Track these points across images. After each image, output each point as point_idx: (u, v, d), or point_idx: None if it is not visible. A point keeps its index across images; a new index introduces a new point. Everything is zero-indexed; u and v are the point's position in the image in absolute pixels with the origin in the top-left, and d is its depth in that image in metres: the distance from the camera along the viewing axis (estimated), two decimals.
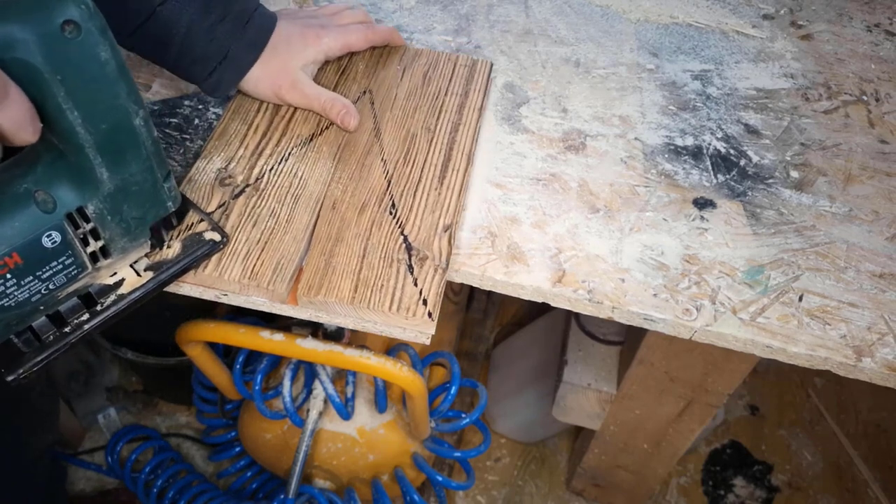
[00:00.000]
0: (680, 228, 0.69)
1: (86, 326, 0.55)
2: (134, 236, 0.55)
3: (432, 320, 0.59)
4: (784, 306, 0.64)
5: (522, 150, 0.75)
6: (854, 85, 0.87)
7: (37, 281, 0.49)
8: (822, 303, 0.65)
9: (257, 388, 0.96)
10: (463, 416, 0.98)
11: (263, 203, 0.65)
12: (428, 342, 0.61)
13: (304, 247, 0.62)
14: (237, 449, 1.24)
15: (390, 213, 0.65)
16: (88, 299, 0.55)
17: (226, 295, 0.61)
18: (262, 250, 0.61)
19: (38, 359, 0.53)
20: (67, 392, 1.41)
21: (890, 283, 0.67)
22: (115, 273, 0.57)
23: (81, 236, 0.51)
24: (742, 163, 0.76)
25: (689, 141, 0.78)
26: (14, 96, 0.41)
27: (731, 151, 0.77)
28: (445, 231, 0.64)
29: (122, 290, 0.57)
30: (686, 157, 0.76)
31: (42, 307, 0.51)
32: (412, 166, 0.70)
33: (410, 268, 0.61)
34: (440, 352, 0.99)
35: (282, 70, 0.72)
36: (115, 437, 1.33)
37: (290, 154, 0.70)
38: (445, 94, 0.77)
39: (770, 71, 0.87)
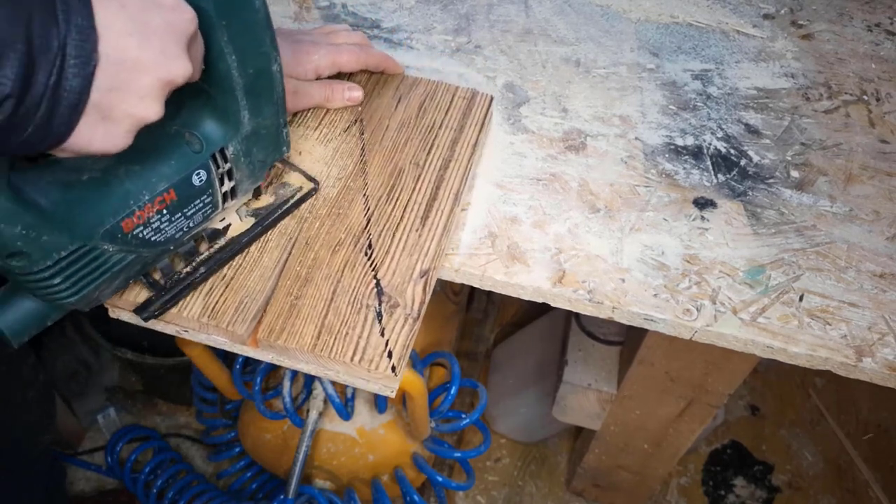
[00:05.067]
0: (680, 228, 0.69)
1: (202, 269, 0.58)
2: (255, 179, 0.58)
3: (395, 375, 0.55)
4: (784, 306, 0.64)
5: (522, 149, 0.75)
6: (854, 85, 0.87)
7: (182, 217, 0.53)
8: (823, 303, 0.65)
9: (257, 388, 0.96)
10: (463, 416, 0.98)
11: None
12: (393, 395, 0.58)
13: (272, 285, 0.59)
14: (237, 449, 1.24)
15: (366, 254, 0.61)
16: (202, 242, 0.59)
17: (186, 331, 0.59)
18: (227, 287, 0.58)
19: (167, 297, 0.56)
20: (67, 392, 1.41)
21: (890, 282, 0.67)
22: (223, 218, 0.60)
23: (220, 176, 0.54)
24: (742, 162, 0.76)
25: (690, 141, 0.78)
26: (199, 36, 0.45)
27: (732, 151, 0.77)
28: (422, 277, 0.60)
29: (231, 234, 0.60)
30: (686, 156, 0.76)
31: (173, 246, 0.55)
32: (395, 204, 0.65)
33: (379, 315, 0.57)
34: (440, 352, 0.99)
35: None
36: (114, 437, 1.33)
37: (268, 185, 0.66)
38: (440, 128, 0.72)
39: (770, 70, 0.87)
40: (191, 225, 0.55)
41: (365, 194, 0.66)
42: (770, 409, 1.57)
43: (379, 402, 1.02)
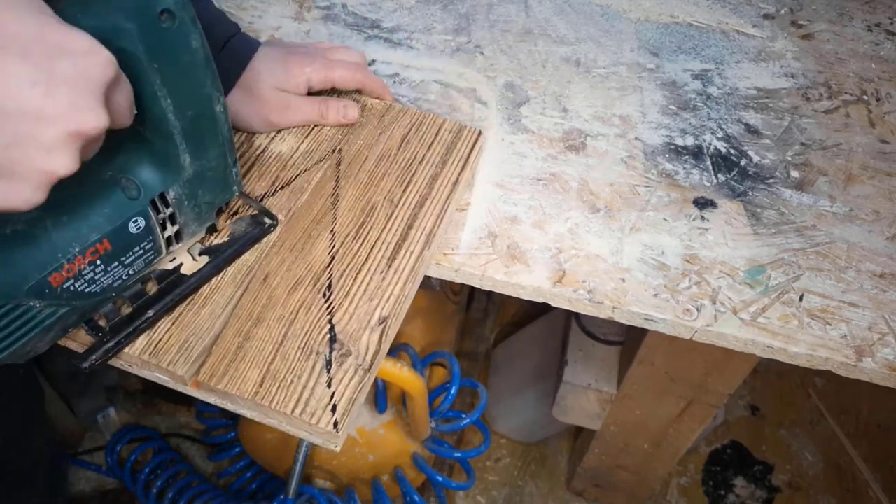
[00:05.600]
0: (680, 228, 0.69)
1: (150, 312, 0.54)
2: (202, 221, 0.56)
3: (337, 432, 0.51)
4: (785, 306, 0.64)
5: (522, 149, 0.75)
6: (854, 85, 0.87)
7: (120, 266, 0.51)
8: (823, 303, 0.65)
9: None
10: (463, 416, 0.98)
11: None
12: (337, 449, 0.54)
13: (222, 323, 0.55)
14: (237, 449, 1.24)
15: (324, 295, 0.57)
16: (150, 284, 0.56)
17: (130, 367, 0.55)
18: (174, 323, 0.55)
19: (110, 345, 0.53)
20: (67, 392, 1.41)
21: (890, 282, 0.67)
22: (174, 258, 0.57)
23: (161, 221, 0.52)
24: (742, 162, 0.76)
25: (690, 141, 0.78)
26: (123, 81, 0.42)
27: (732, 151, 0.77)
28: (380, 324, 0.56)
29: (182, 274, 0.57)
30: (686, 156, 0.76)
31: (114, 293, 0.52)
32: (362, 243, 0.61)
33: (328, 364, 0.53)
34: (440, 352, 0.99)
35: (265, 96, 0.68)
36: (115, 437, 1.33)
37: (233, 214, 0.62)
38: (420, 162, 0.68)
39: (770, 70, 0.87)
40: (131, 273, 0.52)
41: (332, 230, 0.62)
42: (770, 409, 1.57)
43: (379, 403, 1.02)
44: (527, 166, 0.74)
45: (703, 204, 0.72)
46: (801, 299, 0.65)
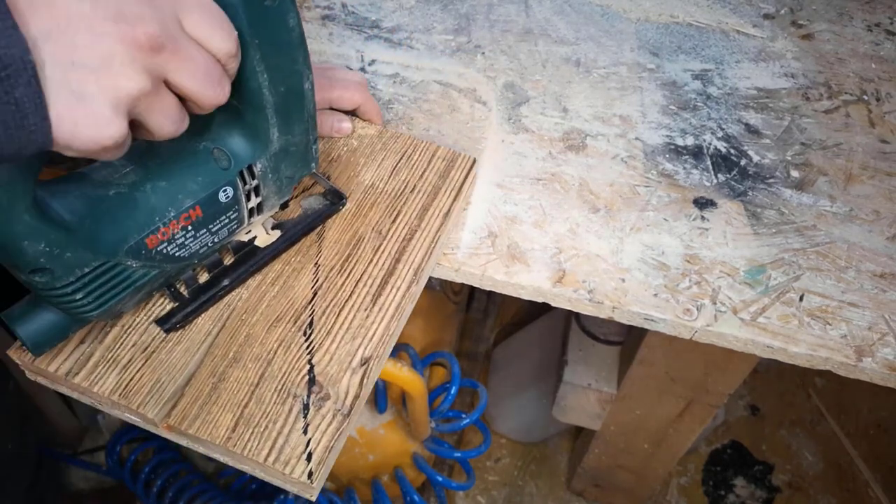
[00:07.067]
0: (680, 228, 0.69)
1: (225, 281, 0.57)
2: (282, 195, 0.57)
3: (312, 482, 0.48)
4: (785, 306, 0.64)
5: (523, 149, 0.75)
6: (855, 84, 0.87)
7: (207, 233, 0.53)
8: (823, 303, 0.65)
9: None
10: (463, 416, 0.98)
11: None
12: (313, 499, 0.52)
13: (197, 362, 0.53)
14: None
15: (305, 333, 0.55)
16: (227, 254, 0.58)
17: (100, 405, 0.53)
18: (146, 361, 0.52)
19: (190, 309, 0.55)
20: None
21: (891, 282, 0.67)
22: (249, 230, 0.59)
23: (246, 192, 0.54)
24: (743, 162, 0.76)
25: (690, 141, 0.78)
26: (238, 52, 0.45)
27: (732, 151, 0.77)
28: (362, 365, 0.54)
29: (256, 246, 0.59)
30: (686, 156, 0.76)
31: (197, 260, 0.54)
32: (347, 277, 0.58)
33: (306, 408, 0.51)
34: (440, 352, 0.99)
35: None
36: (115, 437, 1.33)
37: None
38: (411, 192, 0.65)
39: (771, 70, 0.87)
40: (215, 240, 0.54)
41: (317, 263, 0.59)
42: (770, 409, 1.57)
43: (379, 403, 1.02)
44: (527, 166, 0.74)
45: (703, 204, 0.72)
46: (801, 299, 0.65)
